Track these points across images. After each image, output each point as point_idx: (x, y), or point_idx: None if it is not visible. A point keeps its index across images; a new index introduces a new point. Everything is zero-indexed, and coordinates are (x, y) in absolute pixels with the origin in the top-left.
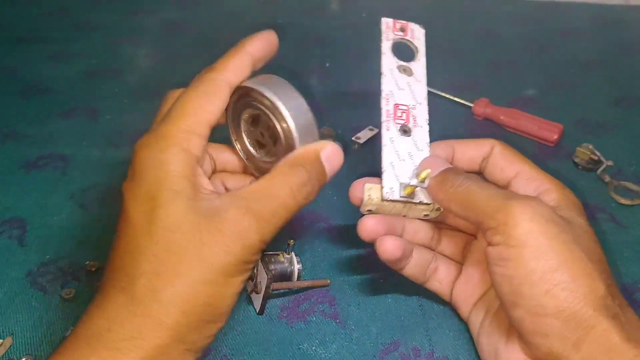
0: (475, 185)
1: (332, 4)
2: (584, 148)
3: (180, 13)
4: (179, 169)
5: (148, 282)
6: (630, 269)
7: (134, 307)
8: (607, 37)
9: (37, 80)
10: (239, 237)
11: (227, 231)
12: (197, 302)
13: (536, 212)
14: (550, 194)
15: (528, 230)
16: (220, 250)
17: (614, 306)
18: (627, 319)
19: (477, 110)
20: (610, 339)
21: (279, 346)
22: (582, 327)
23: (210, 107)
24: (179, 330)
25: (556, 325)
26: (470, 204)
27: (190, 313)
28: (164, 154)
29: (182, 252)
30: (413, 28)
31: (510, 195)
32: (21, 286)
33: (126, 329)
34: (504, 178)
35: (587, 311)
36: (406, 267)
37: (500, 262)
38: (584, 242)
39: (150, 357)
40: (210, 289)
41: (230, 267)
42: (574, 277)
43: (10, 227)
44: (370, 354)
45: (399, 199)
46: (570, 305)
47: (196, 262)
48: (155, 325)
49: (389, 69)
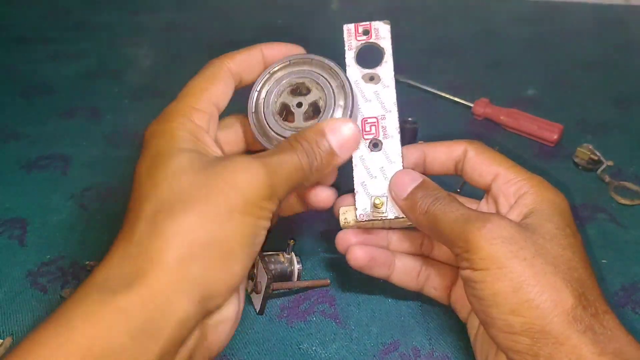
0: (440, 209)
1: (332, 4)
2: (584, 148)
3: (180, 13)
4: (184, 133)
5: (148, 221)
6: (630, 269)
7: (131, 248)
8: (607, 37)
9: (37, 80)
10: (246, 177)
11: (235, 171)
12: (201, 235)
13: (493, 235)
14: (526, 199)
15: (487, 255)
16: (226, 187)
17: (586, 317)
18: (603, 329)
19: (477, 110)
20: (582, 354)
21: (279, 346)
22: (552, 343)
23: (213, 88)
24: (183, 267)
25: (526, 342)
26: (437, 230)
27: (194, 245)
28: (170, 123)
29: (185, 192)
30: (377, 27)
31: (468, 218)
32: (21, 286)
33: (123, 273)
34: (484, 182)
35: (554, 327)
36: (392, 275)
37: (470, 283)
38: (551, 250)
39: (151, 302)
40: (216, 224)
41: (238, 205)
42: (537, 293)
43: (11, 227)
44: (370, 354)
45: (372, 218)
46: (535, 322)
47: (200, 199)
48: (154, 262)
49: (354, 81)
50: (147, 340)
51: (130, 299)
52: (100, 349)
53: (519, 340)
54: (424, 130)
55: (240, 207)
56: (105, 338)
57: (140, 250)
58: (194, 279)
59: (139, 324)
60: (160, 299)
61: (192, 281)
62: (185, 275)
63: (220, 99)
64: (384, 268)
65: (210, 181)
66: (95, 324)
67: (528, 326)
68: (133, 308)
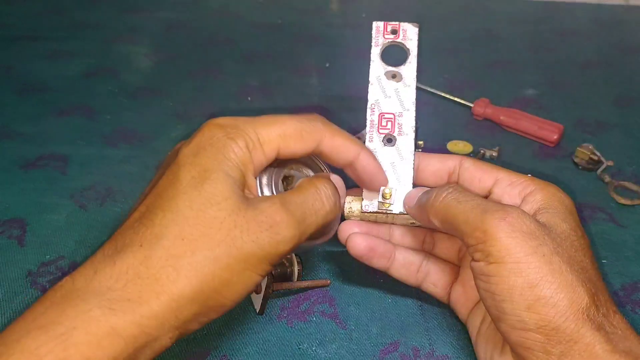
0: (454, 197)
1: (332, 4)
2: (584, 148)
3: (178, 12)
4: (238, 160)
5: (170, 245)
6: (630, 269)
7: (144, 268)
8: (607, 37)
9: (34, 79)
10: (270, 229)
11: (261, 221)
12: (209, 282)
13: (513, 227)
14: (535, 196)
15: (505, 247)
16: (250, 237)
17: (599, 316)
18: (613, 329)
19: (477, 110)
20: (595, 352)
21: (279, 346)
22: (565, 341)
23: (290, 143)
24: (180, 305)
25: (539, 340)
26: (449, 220)
27: (199, 291)
28: (232, 141)
29: (214, 227)
30: (405, 28)
31: (486, 209)
32: (21, 286)
33: (128, 290)
34: (484, 187)
35: (569, 325)
36: (391, 268)
37: (483, 277)
38: (566, 250)
39: (140, 324)
40: (227, 273)
41: (253, 258)
42: (554, 291)
43: (10, 227)
44: (370, 354)
45: (377, 211)
46: (551, 320)
47: (224, 242)
48: (159, 291)
49: (376, 77)
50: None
51: (127, 323)
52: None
53: (531, 337)
54: (424, 130)
55: (255, 261)
56: (89, 354)
57: (152, 274)
58: (184, 320)
59: (125, 350)
60: (151, 332)
61: (182, 321)
62: (179, 315)
63: (284, 153)
64: (383, 259)
65: (238, 222)
66: (87, 336)
67: (543, 323)
68: (126, 333)
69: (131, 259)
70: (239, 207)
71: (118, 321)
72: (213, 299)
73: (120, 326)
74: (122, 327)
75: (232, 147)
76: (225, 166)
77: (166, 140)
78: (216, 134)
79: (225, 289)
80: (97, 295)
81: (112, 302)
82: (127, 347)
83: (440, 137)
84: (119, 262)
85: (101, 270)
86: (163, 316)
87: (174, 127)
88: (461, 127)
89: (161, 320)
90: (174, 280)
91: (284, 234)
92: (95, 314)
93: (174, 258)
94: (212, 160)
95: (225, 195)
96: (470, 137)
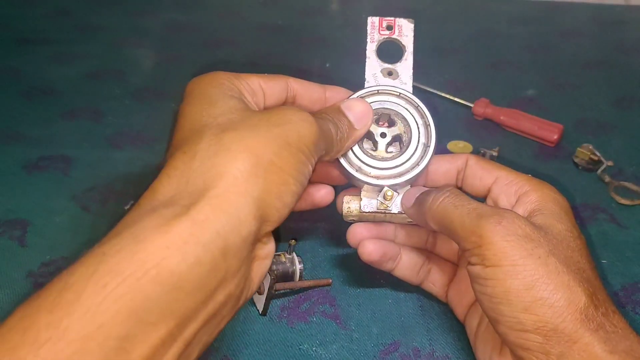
0: (451, 202)
1: (332, 4)
2: (584, 148)
3: (182, 14)
4: (232, 85)
5: (212, 140)
6: (630, 269)
7: (194, 163)
8: (607, 37)
9: (39, 82)
10: (301, 117)
11: (289, 113)
12: (264, 156)
13: (508, 231)
14: (530, 196)
15: (501, 250)
16: (283, 122)
17: (598, 316)
18: (613, 328)
19: (477, 111)
20: (593, 352)
21: (280, 346)
22: (564, 341)
23: (265, 80)
24: (249, 182)
25: (538, 341)
26: (446, 224)
27: (258, 163)
28: (218, 76)
29: (246, 121)
30: (401, 24)
31: (482, 213)
32: (22, 287)
33: (191, 187)
34: (484, 185)
35: (567, 325)
36: (396, 268)
37: (480, 280)
38: (562, 251)
39: (222, 214)
40: (276, 150)
41: (294, 139)
42: (551, 292)
43: (12, 227)
44: (371, 355)
45: (376, 210)
46: (549, 320)
47: (261, 127)
48: (222, 175)
49: (372, 74)
50: (219, 255)
51: (204, 211)
52: (175, 261)
53: (530, 339)
54: None
55: (295, 141)
56: (180, 250)
57: (206, 165)
58: (257, 196)
59: (212, 236)
60: (230, 211)
61: (256, 198)
62: (250, 191)
63: (270, 88)
64: (391, 262)
65: (267, 117)
66: (168, 236)
67: (541, 324)
68: (206, 219)
69: (179, 168)
70: (256, 110)
71: (195, 210)
72: (274, 172)
73: (198, 214)
74: (201, 214)
75: (221, 78)
76: (227, 91)
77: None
78: (200, 82)
79: (282, 161)
80: (160, 201)
81: (182, 200)
82: (212, 231)
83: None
84: (165, 178)
85: (154, 189)
86: (236, 191)
87: None
88: (461, 127)
89: (235, 196)
90: (231, 160)
91: (311, 129)
92: (166, 212)
93: (221, 143)
94: (212, 92)
95: (240, 106)
96: (470, 137)
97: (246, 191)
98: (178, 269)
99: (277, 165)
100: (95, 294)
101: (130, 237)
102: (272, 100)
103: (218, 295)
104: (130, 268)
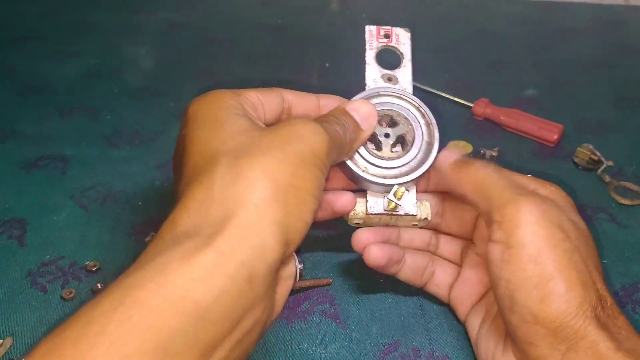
0: (495, 172)
1: (332, 4)
2: (584, 148)
3: (179, 13)
4: (236, 104)
5: (228, 168)
6: (630, 269)
7: (213, 193)
8: (607, 37)
9: (36, 80)
10: (311, 130)
11: (300, 127)
12: (281, 178)
13: (544, 215)
14: (539, 193)
15: (531, 232)
16: (294, 139)
17: (604, 316)
18: (617, 329)
19: (477, 111)
20: (599, 349)
21: (279, 346)
22: (572, 337)
23: (264, 96)
24: (269, 208)
25: (546, 335)
26: (483, 190)
27: (276, 187)
28: (220, 95)
29: (257, 143)
30: (398, 33)
31: (523, 192)
32: (21, 286)
33: (211, 217)
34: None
35: (577, 322)
36: (400, 272)
37: (499, 263)
38: (584, 249)
39: (246, 242)
40: (292, 170)
41: (307, 155)
42: (569, 287)
43: (10, 227)
44: (371, 354)
45: (383, 212)
46: (562, 315)
47: (274, 148)
48: (242, 203)
49: (373, 79)
50: (245, 284)
51: (227, 241)
52: (201, 293)
53: (539, 332)
54: None
55: (309, 157)
56: (206, 281)
57: (225, 194)
58: (278, 220)
59: (237, 266)
60: (255, 240)
61: (277, 223)
62: (271, 216)
63: (268, 101)
64: (395, 266)
65: (278, 135)
66: (193, 268)
67: (552, 318)
68: (231, 249)
69: (198, 198)
70: (265, 128)
71: (219, 240)
72: (292, 194)
73: (222, 244)
74: (224, 244)
75: (224, 98)
76: (232, 110)
77: (167, 141)
78: (203, 104)
79: (300, 183)
80: (183, 233)
81: (204, 230)
82: (237, 260)
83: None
84: (184, 209)
85: (174, 221)
86: (257, 218)
87: (176, 127)
88: (461, 127)
89: (257, 223)
90: (249, 189)
91: (322, 138)
92: (189, 244)
93: (238, 173)
94: (217, 113)
95: (247, 126)
96: (470, 137)
97: (269, 218)
98: (204, 300)
99: (295, 187)
100: (121, 326)
101: (155, 269)
102: (271, 113)
103: (245, 322)
104: (156, 300)
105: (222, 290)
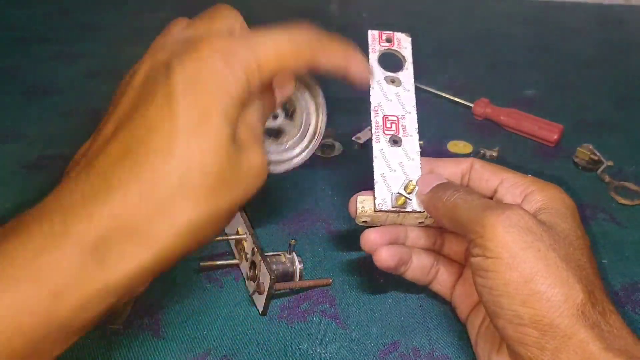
0: (461, 198)
1: (332, 5)
2: (584, 148)
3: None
4: (237, 95)
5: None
6: (630, 269)
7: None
8: (607, 37)
9: (39, 81)
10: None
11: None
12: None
13: (511, 223)
14: (535, 196)
15: (502, 242)
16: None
17: (594, 314)
18: (609, 327)
19: (477, 111)
20: (588, 349)
21: (279, 346)
22: (559, 336)
23: (286, 64)
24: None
25: (534, 335)
26: (456, 218)
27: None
28: (232, 74)
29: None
30: (399, 37)
31: (487, 206)
32: None
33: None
34: (490, 187)
35: (563, 320)
36: (407, 271)
37: (480, 272)
38: (563, 248)
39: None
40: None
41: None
42: (548, 286)
43: None
44: (370, 354)
45: (391, 209)
46: (546, 314)
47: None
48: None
49: (377, 81)
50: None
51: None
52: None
53: (527, 333)
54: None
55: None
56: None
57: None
58: (215, 207)
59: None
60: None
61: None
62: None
63: (283, 71)
64: (404, 266)
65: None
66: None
67: (537, 318)
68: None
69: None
70: (229, 158)
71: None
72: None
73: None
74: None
75: (233, 81)
76: (225, 104)
77: None
78: (217, 64)
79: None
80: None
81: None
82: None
83: (440, 137)
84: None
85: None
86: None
87: None
88: (461, 127)
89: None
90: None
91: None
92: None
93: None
94: (213, 98)
95: (221, 144)
96: (470, 137)
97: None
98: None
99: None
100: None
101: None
102: None
103: None
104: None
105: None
